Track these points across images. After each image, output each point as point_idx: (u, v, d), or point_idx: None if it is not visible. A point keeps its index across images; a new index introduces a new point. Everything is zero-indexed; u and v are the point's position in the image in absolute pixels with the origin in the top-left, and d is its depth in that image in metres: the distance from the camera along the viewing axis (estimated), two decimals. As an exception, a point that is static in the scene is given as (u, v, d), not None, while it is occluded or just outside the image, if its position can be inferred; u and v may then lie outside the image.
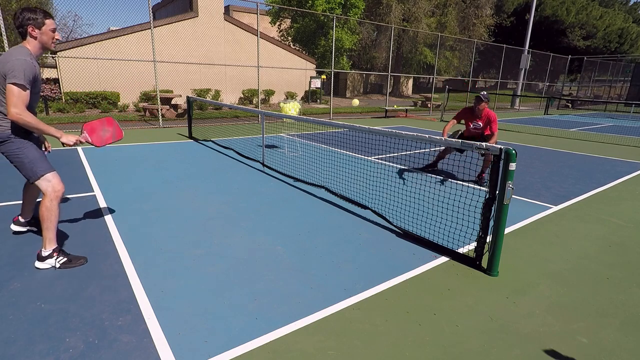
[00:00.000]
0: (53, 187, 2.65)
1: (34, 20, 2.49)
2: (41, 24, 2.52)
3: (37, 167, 2.63)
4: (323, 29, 21.52)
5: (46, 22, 2.55)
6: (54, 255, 2.71)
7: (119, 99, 14.05)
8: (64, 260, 2.73)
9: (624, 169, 6.84)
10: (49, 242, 2.70)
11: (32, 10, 2.51)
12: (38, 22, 2.51)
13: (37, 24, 2.51)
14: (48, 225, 2.67)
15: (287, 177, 5.36)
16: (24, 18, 2.48)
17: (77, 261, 2.78)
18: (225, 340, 2.05)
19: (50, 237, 2.70)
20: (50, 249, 2.70)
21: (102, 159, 6.21)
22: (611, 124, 15.63)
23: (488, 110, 5.46)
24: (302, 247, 3.22)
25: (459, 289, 2.66)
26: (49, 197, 2.64)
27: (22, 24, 2.49)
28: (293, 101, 6.96)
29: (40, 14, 2.52)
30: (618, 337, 2.20)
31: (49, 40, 2.59)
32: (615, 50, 36.62)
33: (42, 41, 2.57)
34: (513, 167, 2.64)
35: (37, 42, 2.56)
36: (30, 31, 2.50)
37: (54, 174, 2.70)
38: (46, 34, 2.56)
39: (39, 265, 2.71)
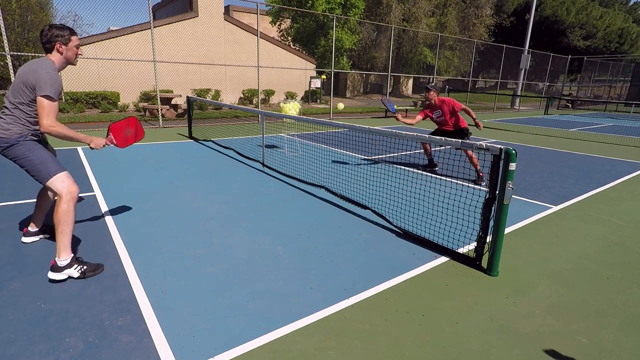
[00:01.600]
0: (68, 188, 2.59)
1: (62, 37, 2.59)
2: (68, 41, 2.62)
3: (49, 168, 2.60)
4: (323, 29, 21.52)
5: (72, 39, 2.64)
6: (73, 265, 2.55)
7: (119, 99, 14.05)
8: (86, 269, 2.59)
9: (624, 169, 6.84)
10: (65, 249, 2.54)
11: (60, 28, 2.60)
12: (65, 39, 2.60)
13: (64, 40, 2.60)
14: (64, 229, 2.54)
15: (287, 177, 5.36)
16: (52, 35, 2.56)
17: (95, 270, 2.65)
18: (225, 340, 2.05)
19: (65, 244, 2.55)
20: (66, 257, 2.54)
21: (102, 159, 6.21)
22: (611, 124, 15.63)
23: (442, 98, 5.71)
24: (302, 247, 3.22)
25: (459, 289, 2.66)
26: (64, 198, 2.56)
27: (49, 40, 2.57)
28: (293, 101, 6.96)
29: (67, 31, 2.62)
30: (618, 337, 2.20)
31: (73, 55, 2.69)
32: (615, 50, 36.62)
33: (67, 57, 2.66)
34: (513, 167, 2.64)
35: (62, 57, 2.64)
36: (57, 47, 2.59)
37: (66, 174, 2.66)
38: (71, 50, 2.66)
39: (55, 277, 2.52)
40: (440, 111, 5.72)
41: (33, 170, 2.61)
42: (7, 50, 7.86)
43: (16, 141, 2.56)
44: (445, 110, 5.67)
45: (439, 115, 5.76)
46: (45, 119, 2.46)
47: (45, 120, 2.46)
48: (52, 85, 2.47)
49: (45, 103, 2.46)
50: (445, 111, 5.67)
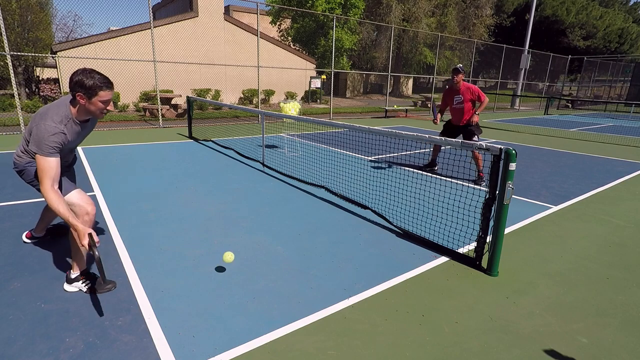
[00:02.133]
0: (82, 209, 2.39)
1: (85, 91, 2.20)
2: (92, 96, 2.23)
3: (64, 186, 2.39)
4: (323, 29, 21.52)
5: (99, 94, 2.24)
6: (80, 279, 2.49)
7: (119, 99, 14.05)
8: (90, 286, 2.48)
9: (624, 169, 6.84)
10: (78, 263, 2.48)
11: (89, 76, 2.20)
12: (89, 93, 2.21)
13: (88, 94, 2.22)
14: (76, 250, 2.44)
15: (287, 177, 5.36)
16: (76, 84, 2.19)
17: (104, 287, 2.50)
18: (225, 340, 2.05)
19: (78, 258, 2.48)
20: (77, 271, 2.49)
21: (102, 159, 6.21)
22: (611, 124, 15.63)
23: (467, 84, 5.43)
24: (302, 247, 3.22)
25: (459, 289, 2.66)
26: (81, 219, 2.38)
27: (72, 89, 2.22)
28: (293, 101, 6.96)
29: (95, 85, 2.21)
30: (618, 337, 2.20)
31: (97, 110, 2.30)
32: (615, 50, 36.62)
33: (89, 110, 2.29)
34: (513, 167, 2.64)
35: (83, 108, 2.28)
36: (78, 98, 2.23)
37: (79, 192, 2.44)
38: (95, 105, 2.27)
39: (67, 288, 2.49)
40: (461, 97, 5.37)
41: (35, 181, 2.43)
42: (7, 50, 7.86)
43: (24, 167, 2.42)
44: (467, 98, 5.34)
45: (459, 102, 5.40)
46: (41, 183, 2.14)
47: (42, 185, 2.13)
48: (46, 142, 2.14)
49: (40, 162, 2.14)
50: (467, 99, 5.34)
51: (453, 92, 5.51)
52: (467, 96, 5.38)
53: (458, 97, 5.45)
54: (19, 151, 2.48)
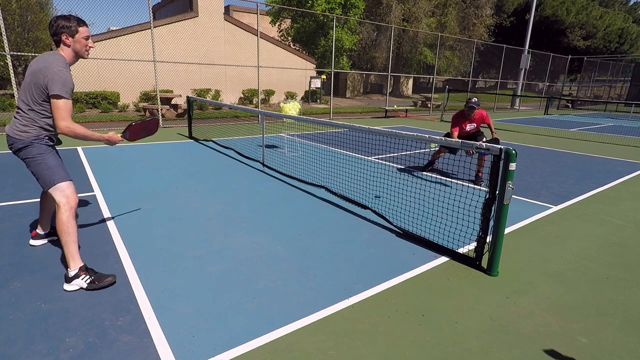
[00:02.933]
0: (67, 199, 2.49)
1: (68, 29, 2.44)
2: (75, 32, 2.47)
3: (55, 175, 2.51)
4: (323, 29, 21.52)
5: (80, 30, 2.49)
6: (81, 275, 2.49)
7: (119, 99, 14.05)
8: (91, 280, 2.50)
9: (624, 169, 6.84)
10: (72, 259, 2.49)
11: (66, 18, 2.45)
12: (72, 30, 2.45)
13: (70, 32, 2.45)
14: (67, 240, 2.47)
15: (287, 177, 5.36)
16: (58, 26, 2.43)
17: (105, 280, 2.53)
18: (225, 340, 2.05)
19: (72, 254, 2.49)
20: (75, 268, 2.49)
21: (102, 159, 6.21)
22: (611, 124, 15.63)
23: (480, 112, 5.69)
24: (302, 247, 3.22)
25: (459, 289, 2.66)
26: (62, 209, 2.47)
27: (56, 32, 2.44)
28: (293, 101, 6.96)
29: (74, 22, 2.46)
30: (618, 337, 2.20)
31: (82, 48, 2.53)
32: (615, 50, 36.62)
33: (76, 49, 2.52)
34: (513, 167, 2.64)
35: (70, 50, 2.51)
36: (64, 39, 2.45)
37: (69, 184, 2.55)
38: (79, 42, 2.50)
39: (67, 288, 2.49)
40: (474, 125, 5.71)
41: (39, 173, 2.54)
42: (7, 50, 7.86)
43: (30, 142, 2.50)
44: (478, 124, 5.71)
45: (472, 129, 5.73)
46: (62, 120, 2.39)
47: (62, 122, 2.39)
48: (65, 84, 2.37)
49: (61, 104, 2.37)
50: (478, 124, 5.72)
51: (466, 120, 5.67)
52: (479, 123, 5.72)
53: (472, 124, 5.73)
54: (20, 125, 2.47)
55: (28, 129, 2.49)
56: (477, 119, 5.66)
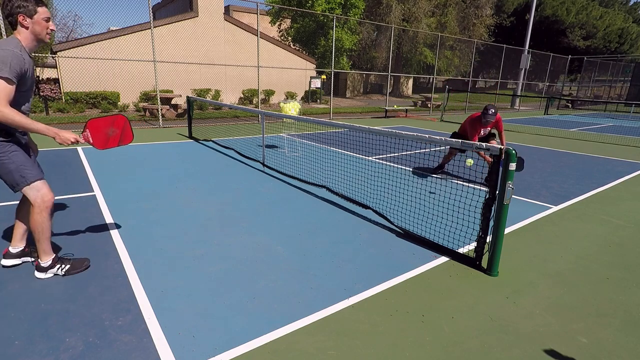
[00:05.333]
0: (42, 197, 2.39)
1: (25, 8, 2.22)
2: (33, 12, 2.24)
3: (26, 173, 2.35)
4: (323, 29, 21.52)
5: (38, 10, 2.26)
6: (55, 265, 2.57)
7: (119, 99, 14.05)
8: (67, 268, 2.60)
9: (624, 169, 6.84)
10: (45, 253, 2.53)
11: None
12: (29, 9, 2.23)
13: (28, 11, 2.23)
14: (39, 237, 2.46)
15: (287, 177, 5.36)
16: (13, 6, 2.21)
17: (82, 265, 2.65)
18: (225, 340, 2.05)
19: (44, 249, 2.51)
20: (48, 260, 2.54)
21: (102, 159, 6.21)
22: (611, 124, 15.63)
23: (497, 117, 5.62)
24: (302, 247, 3.22)
25: (459, 289, 2.66)
26: (37, 208, 2.38)
27: (11, 13, 2.22)
28: (293, 101, 6.96)
29: (31, 2, 2.24)
30: (618, 337, 2.20)
31: (43, 30, 2.31)
32: (615, 50, 36.61)
33: (35, 32, 2.29)
34: (513, 167, 2.64)
35: (29, 33, 2.28)
36: (20, 20, 2.23)
37: (43, 182, 2.43)
38: (38, 24, 2.28)
39: (41, 276, 2.56)
40: (489, 129, 5.71)
41: (7, 174, 2.34)
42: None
43: None
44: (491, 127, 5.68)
45: (487, 132, 5.73)
46: None
47: None
48: (8, 64, 2.12)
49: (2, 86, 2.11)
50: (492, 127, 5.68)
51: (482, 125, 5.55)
52: (492, 126, 5.67)
53: (486, 129, 5.70)
54: None
55: None
56: (493, 124, 5.65)
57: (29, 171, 2.37)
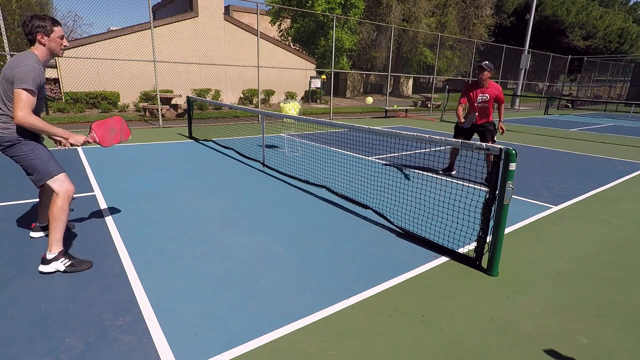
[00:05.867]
0: (66, 188, 2.67)
1: (43, 28, 2.53)
2: (50, 32, 2.56)
3: (50, 168, 2.66)
4: (323, 29, 21.52)
5: (55, 30, 2.58)
6: (60, 258, 2.65)
7: (119, 99, 14.05)
8: (69, 264, 2.67)
9: (624, 169, 6.84)
10: (56, 243, 2.65)
11: (41, 18, 2.55)
12: (47, 29, 2.55)
13: (46, 31, 2.55)
14: (57, 225, 2.64)
15: (287, 177, 5.36)
16: (33, 25, 2.51)
17: (82, 265, 2.72)
18: (225, 340, 2.05)
19: (57, 239, 2.65)
20: (56, 251, 2.65)
21: (102, 159, 6.21)
22: (611, 124, 15.63)
23: (494, 83, 5.25)
24: (302, 247, 3.22)
25: (459, 289, 2.66)
26: (62, 197, 2.64)
27: (31, 32, 2.53)
28: (293, 101, 6.96)
29: (49, 22, 2.56)
30: (618, 337, 2.20)
31: (57, 47, 2.63)
32: (615, 50, 36.61)
33: (51, 48, 2.61)
34: (513, 167, 2.64)
35: (45, 49, 2.60)
36: (39, 39, 2.55)
37: (65, 175, 2.72)
38: (54, 41, 2.60)
39: (44, 269, 2.63)
40: (487, 96, 5.16)
41: (33, 169, 2.64)
42: (7, 50, 7.86)
43: (17, 140, 2.60)
44: (491, 97, 5.17)
45: (484, 100, 5.19)
46: (20, 110, 2.42)
47: (20, 111, 2.42)
48: (32, 78, 2.44)
49: (23, 95, 2.43)
50: (491, 98, 5.18)
51: (478, 88, 5.20)
52: (493, 95, 5.17)
53: (484, 95, 5.20)
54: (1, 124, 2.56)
55: (9, 126, 2.58)
56: (491, 91, 5.11)
57: (53, 166, 2.69)
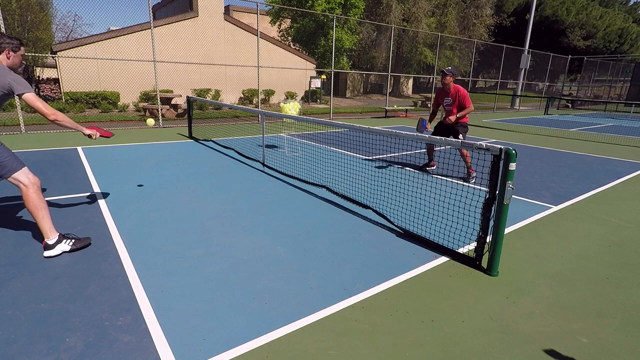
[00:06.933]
0: (31, 179, 2.80)
1: (12, 45, 2.85)
2: (17, 49, 2.88)
3: (14, 163, 2.79)
4: (323, 29, 21.52)
5: (21, 49, 2.92)
6: (62, 240, 2.84)
7: (119, 99, 14.05)
8: (73, 242, 2.89)
9: (624, 169, 6.84)
10: (50, 231, 2.80)
11: (11, 37, 2.90)
12: (15, 46, 2.87)
13: (13, 47, 2.86)
14: (40, 215, 2.78)
15: (287, 177, 5.36)
16: (4, 41, 2.82)
17: (84, 241, 2.96)
18: (225, 340, 2.05)
19: (49, 226, 2.80)
20: (55, 236, 2.81)
21: (102, 159, 6.21)
22: (611, 124, 15.63)
23: (457, 86, 5.57)
24: (302, 247, 3.22)
25: (459, 289, 2.66)
26: (30, 188, 2.76)
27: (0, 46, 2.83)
28: (293, 101, 6.96)
29: (17, 42, 2.90)
30: (618, 337, 2.20)
31: (18, 62, 2.94)
32: (615, 50, 36.61)
33: (13, 63, 2.89)
34: (513, 167, 2.64)
35: (8, 62, 2.86)
36: (6, 53, 2.84)
37: (27, 168, 2.87)
38: (17, 58, 2.91)
39: (50, 254, 2.79)
40: (450, 100, 5.57)
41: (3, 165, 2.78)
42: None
43: None
44: (454, 100, 5.53)
45: (448, 104, 5.61)
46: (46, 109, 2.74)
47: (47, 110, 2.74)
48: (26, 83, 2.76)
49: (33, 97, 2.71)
50: (455, 102, 5.52)
51: (444, 93, 5.69)
52: (454, 98, 5.55)
53: (447, 99, 5.65)
54: None
55: None
56: (453, 94, 5.53)
57: (16, 160, 2.83)
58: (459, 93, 5.49)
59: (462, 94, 5.48)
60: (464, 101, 5.47)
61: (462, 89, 5.52)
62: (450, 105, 5.60)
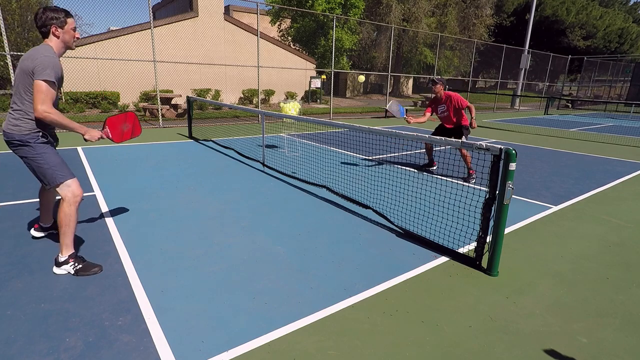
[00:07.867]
0: (73, 193, 2.61)
1: (57, 20, 2.48)
2: (64, 23, 2.51)
3: (57, 174, 2.58)
4: (323, 29, 21.51)
5: (68, 21, 2.53)
6: (70, 262, 2.65)
7: (119, 99, 14.05)
8: (79, 267, 2.66)
9: (624, 169, 6.84)
10: (66, 247, 2.65)
11: (54, 10, 2.49)
12: (61, 21, 2.49)
13: (60, 23, 2.49)
14: (65, 231, 2.61)
15: (287, 177, 5.36)
16: (47, 17, 2.45)
17: (92, 269, 2.70)
18: (225, 340, 2.05)
19: (67, 243, 2.65)
20: (66, 254, 2.65)
21: (102, 159, 6.21)
22: (611, 124, 15.63)
23: (448, 92, 5.63)
24: (302, 247, 3.22)
25: (459, 289, 2.66)
26: (67, 202, 2.58)
27: (45, 24, 2.46)
28: (293, 101, 6.96)
29: (62, 13, 2.50)
30: (618, 337, 2.20)
31: (71, 39, 2.58)
32: (615, 50, 36.61)
33: (65, 40, 2.55)
34: (513, 167, 2.64)
35: (59, 42, 2.54)
36: (53, 31, 2.49)
37: (74, 180, 2.65)
38: (68, 33, 2.55)
39: (56, 271, 2.66)
40: (444, 106, 5.61)
41: (41, 173, 2.59)
42: (7, 50, 7.86)
43: (27, 142, 2.51)
44: (449, 106, 5.56)
45: (442, 111, 5.66)
46: (40, 104, 2.35)
47: (40, 105, 2.35)
48: (52, 68, 2.38)
49: (44, 87, 2.36)
50: (450, 107, 5.56)
51: (437, 101, 5.74)
52: (449, 104, 5.60)
53: (442, 106, 5.69)
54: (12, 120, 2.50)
55: (20, 123, 2.49)
56: (447, 101, 5.56)
57: (61, 172, 2.60)
58: (451, 98, 5.55)
59: (455, 97, 5.53)
60: (459, 103, 5.50)
61: (453, 93, 5.58)
62: (446, 112, 5.64)
